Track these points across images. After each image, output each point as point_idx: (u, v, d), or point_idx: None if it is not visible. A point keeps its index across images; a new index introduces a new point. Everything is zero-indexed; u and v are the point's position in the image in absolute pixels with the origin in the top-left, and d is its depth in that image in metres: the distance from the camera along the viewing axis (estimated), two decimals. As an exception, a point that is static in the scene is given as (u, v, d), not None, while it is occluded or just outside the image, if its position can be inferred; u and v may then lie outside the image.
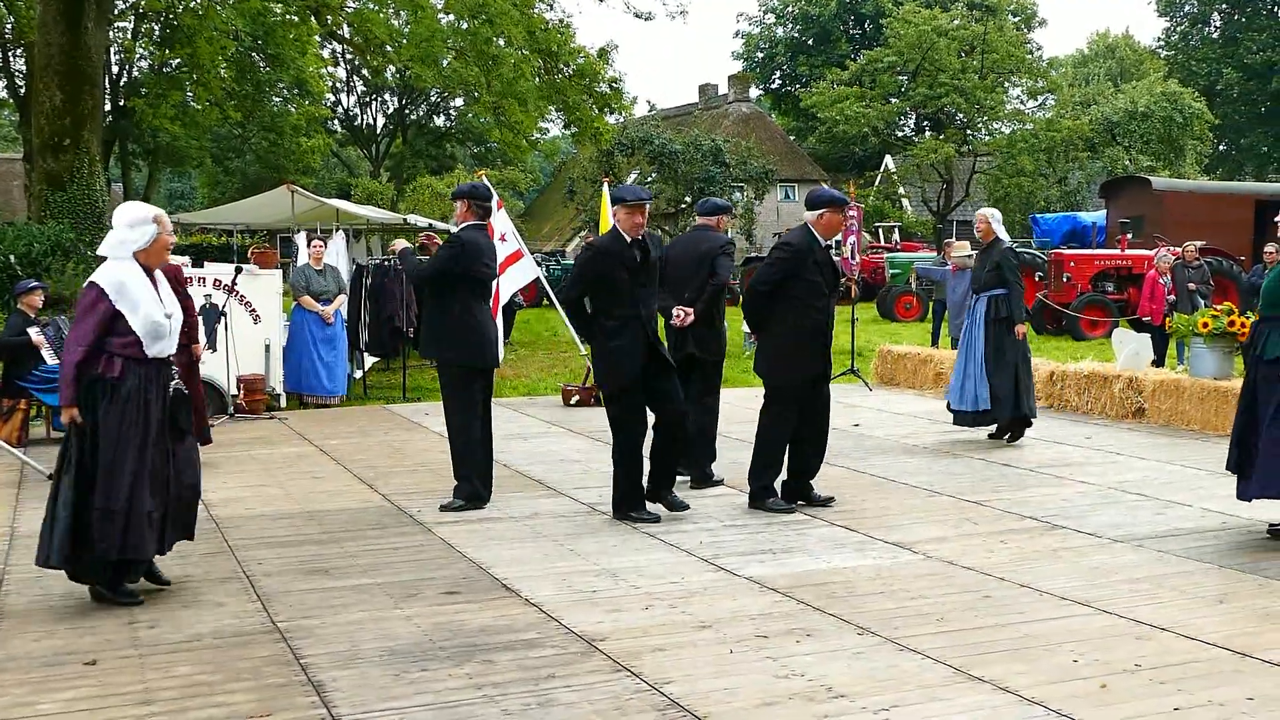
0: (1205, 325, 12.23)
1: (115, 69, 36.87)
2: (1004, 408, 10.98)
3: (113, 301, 6.11)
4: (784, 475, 8.53)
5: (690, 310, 8.76)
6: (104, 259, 6.30)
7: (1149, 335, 15.21)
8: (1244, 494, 7.56)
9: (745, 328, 21.12)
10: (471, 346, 8.46)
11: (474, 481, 8.53)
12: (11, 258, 16.96)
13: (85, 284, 6.24)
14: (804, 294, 8.20)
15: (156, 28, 36.34)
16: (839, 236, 11.35)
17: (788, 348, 8.28)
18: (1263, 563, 6.83)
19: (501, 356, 13.86)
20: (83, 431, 6.13)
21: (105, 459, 6.13)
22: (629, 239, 7.99)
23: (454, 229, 9.09)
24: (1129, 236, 24.64)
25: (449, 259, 8.44)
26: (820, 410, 8.49)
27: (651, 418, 8.17)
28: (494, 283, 12.36)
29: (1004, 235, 11.45)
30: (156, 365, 6.31)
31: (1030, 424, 11.31)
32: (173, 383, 6.39)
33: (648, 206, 8.25)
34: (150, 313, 6.22)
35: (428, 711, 4.72)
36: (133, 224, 6.34)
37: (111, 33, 28.70)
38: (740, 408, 12.01)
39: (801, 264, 8.19)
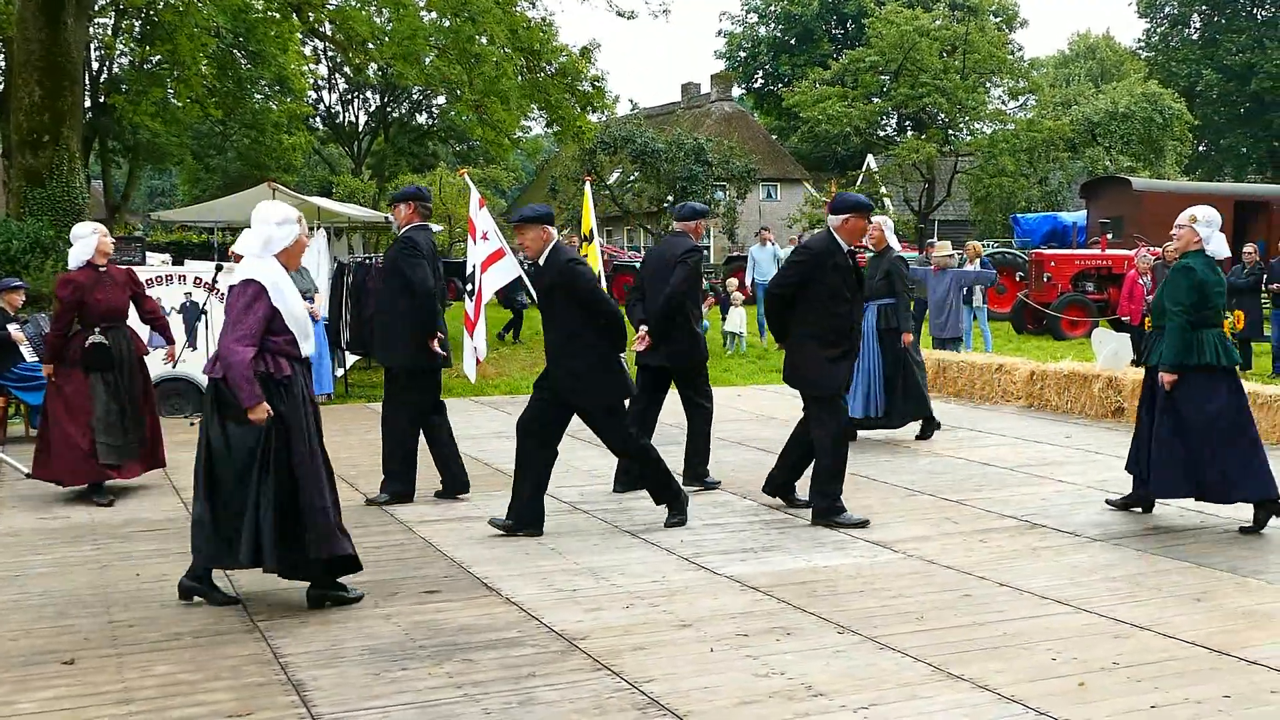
0: (1184, 325, 12.27)
1: (95, 65, 36.68)
2: (901, 415, 11.05)
3: (272, 299, 6.05)
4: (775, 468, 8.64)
5: (646, 336, 8.91)
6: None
7: (1129, 335, 15.25)
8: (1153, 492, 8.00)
9: (729, 327, 21.18)
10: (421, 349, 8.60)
11: (406, 480, 8.74)
12: (-10, 254, 16.88)
13: (240, 282, 6.10)
14: (824, 299, 7.99)
15: (137, 24, 36.17)
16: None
17: (822, 355, 8.02)
18: (1239, 561, 6.87)
19: (482, 354, 13.84)
20: (270, 430, 6.00)
21: (301, 457, 6.08)
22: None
23: (398, 231, 9.10)
24: (1109, 236, 24.73)
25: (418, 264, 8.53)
26: None
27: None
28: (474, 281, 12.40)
29: (895, 244, 11.49)
30: (305, 364, 6.31)
31: (938, 425, 11.56)
32: None
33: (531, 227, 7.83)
34: (298, 311, 6.20)
35: (408, 710, 4.72)
36: (281, 222, 6.26)
37: (91, 29, 28.56)
38: (723, 408, 11.99)
39: (820, 268, 8.01)
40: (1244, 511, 7.76)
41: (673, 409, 9.70)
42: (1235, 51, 57.11)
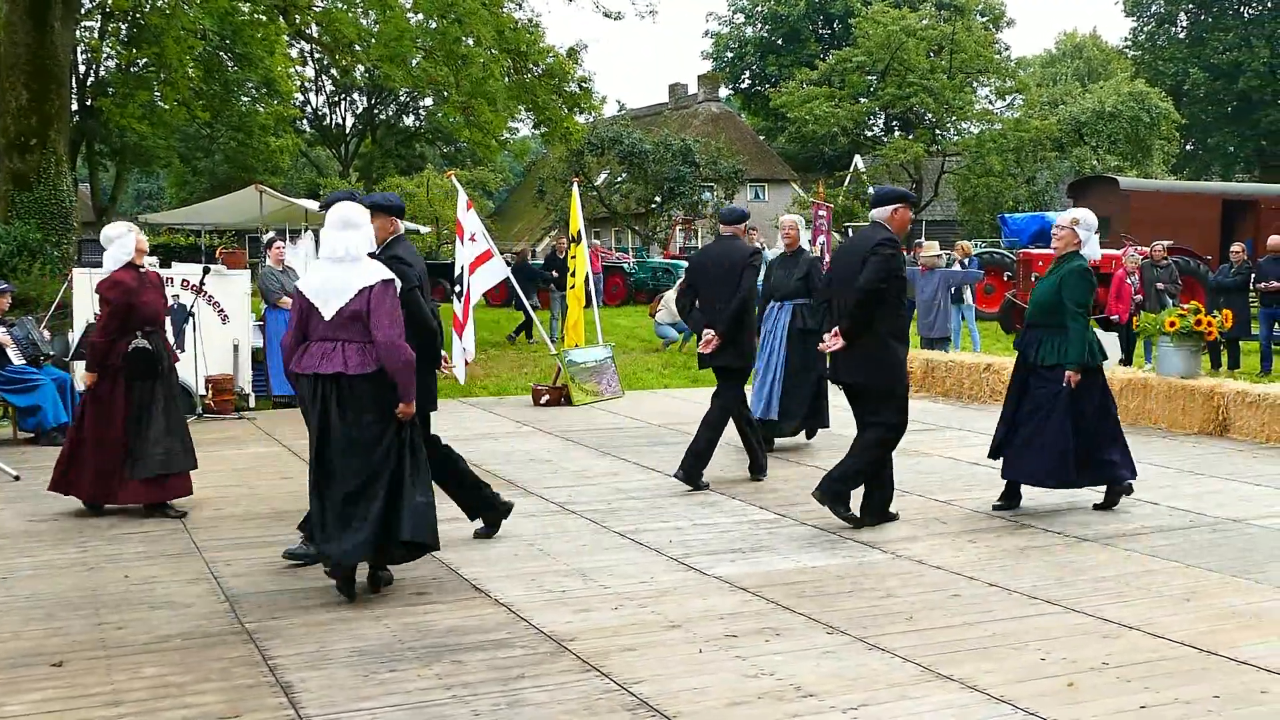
0: (1172, 324, 12.32)
1: (82, 68, 36.62)
2: (792, 420, 10.73)
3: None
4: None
5: (715, 338, 8.88)
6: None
7: (1116, 334, 15.31)
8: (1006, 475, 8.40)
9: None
10: None
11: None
12: (-24, 258, 16.85)
13: (382, 282, 6.22)
14: (897, 294, 7.84)
15: (123, 27, 36.11)
16: (810, 236, 11.29)
17: (899, 353, 7.88)
18: (1228, 562, 6.88)
19: (471, 355, 13.83)
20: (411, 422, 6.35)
21: (418, 447, 6.39)
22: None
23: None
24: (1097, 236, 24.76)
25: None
26: None
27: None
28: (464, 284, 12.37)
29: (806, 245, 11.38)
30: None
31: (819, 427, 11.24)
32: None
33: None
34: None
35: (397, 712, 4.71)
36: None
37: (78, 32, 28.49)
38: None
39: (901, 261, 7.92)
40: (1230, 509, 7.77)
41: (660, 409, 9.68)
42: (1222, 50, 57.28)
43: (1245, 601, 6.07)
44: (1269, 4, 58.73)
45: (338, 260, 6.27)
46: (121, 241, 8.42)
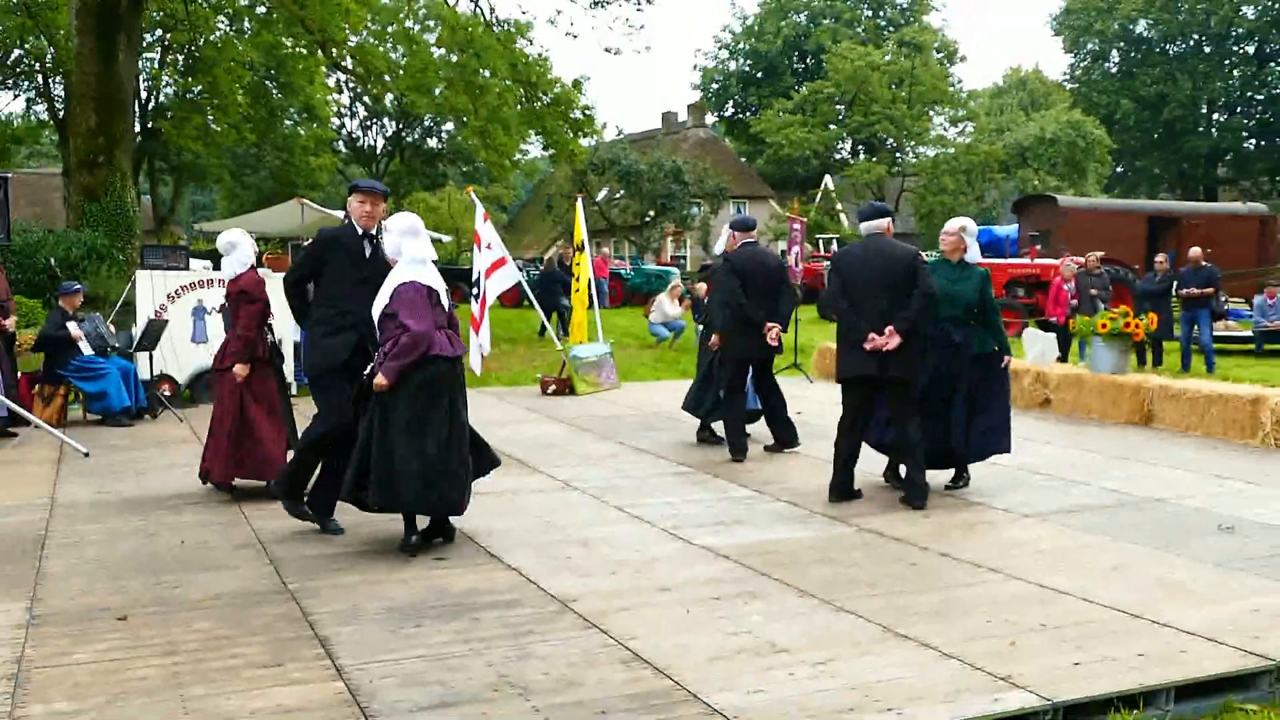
0: (1104, 326, 12.35)
1: (144, 95, 36.53)
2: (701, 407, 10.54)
3: None
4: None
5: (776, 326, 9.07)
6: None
7: (1054, 335, 15.32)
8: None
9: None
10: None
11: None
12: (52, 261, 16.81)
13: (406, 283, 6.34)
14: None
15: (181, 58, 36.07)
16: (784, 246, 11.19)
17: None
18: (1153, 536, 6.90)
19: (486, 350, 13.84)
20: None
21: None
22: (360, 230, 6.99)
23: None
24: (1038, 248, 24.79)
25: None
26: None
27: None
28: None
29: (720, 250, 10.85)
30: None
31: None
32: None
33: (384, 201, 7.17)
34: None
35: (421, 662, 4.71)
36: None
37: (140, 63, 28.43)
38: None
39: None
40: (1154, 490, 7.77)
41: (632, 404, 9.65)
42: (1149, 84, 57.40)
43: (1168, 572, 6.08)
44: (1190, 43, 58.76)
45: (430, 260, 6.54)
46: (243, 246, 8.32)
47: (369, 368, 6.39)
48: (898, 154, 50.09)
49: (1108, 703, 4.38)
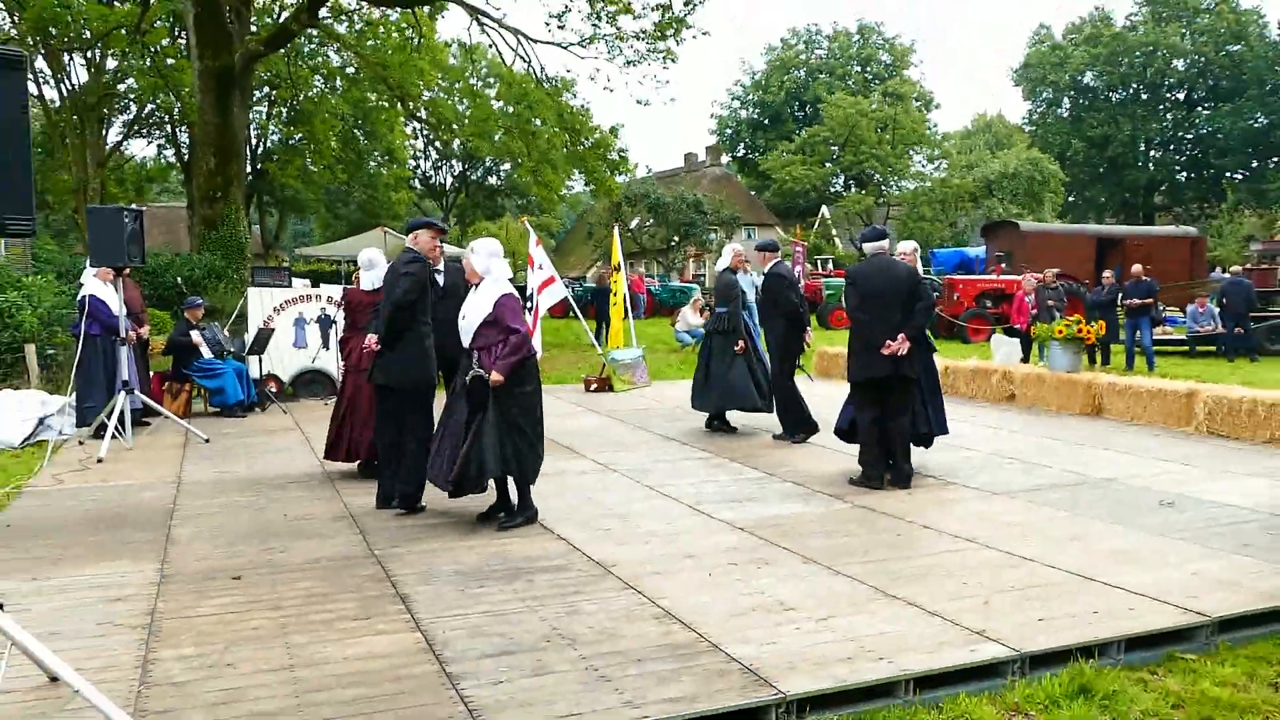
0: (1060, 332, 12.22)
1: (254, 141, 36.80)
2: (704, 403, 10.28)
3: None
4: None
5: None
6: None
7: (1018, 340, 15.18)
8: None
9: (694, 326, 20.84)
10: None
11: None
12: (179, 279, 16.96)
13: (507, 294, 6.30)
14: None
15: (284, 111, 36.30)
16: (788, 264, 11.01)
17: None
18: (1106, 511, 6.80)
19: (539, 355, 13.81)
20: None
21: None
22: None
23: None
24: (1003, 266, 24.59)
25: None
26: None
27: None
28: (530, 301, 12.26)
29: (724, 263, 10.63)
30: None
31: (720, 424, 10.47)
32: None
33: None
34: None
35: (485, 617, 4.70)
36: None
37: (250, 114, 28.67)
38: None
39: None
40: (1109, 470, 7.66)
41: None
42: (1096, 126, 56.92)
43: (1119, 541, 5.98)
44: (1130, 91, 58.17)
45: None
46: (380, 265, 8.16)
47: (472, 369, 6.23)
48: (883, 187, 49.77)
49: (1068, 653, 4.31)
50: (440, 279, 7.60)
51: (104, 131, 30.86)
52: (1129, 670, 4.30)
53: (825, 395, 11.69)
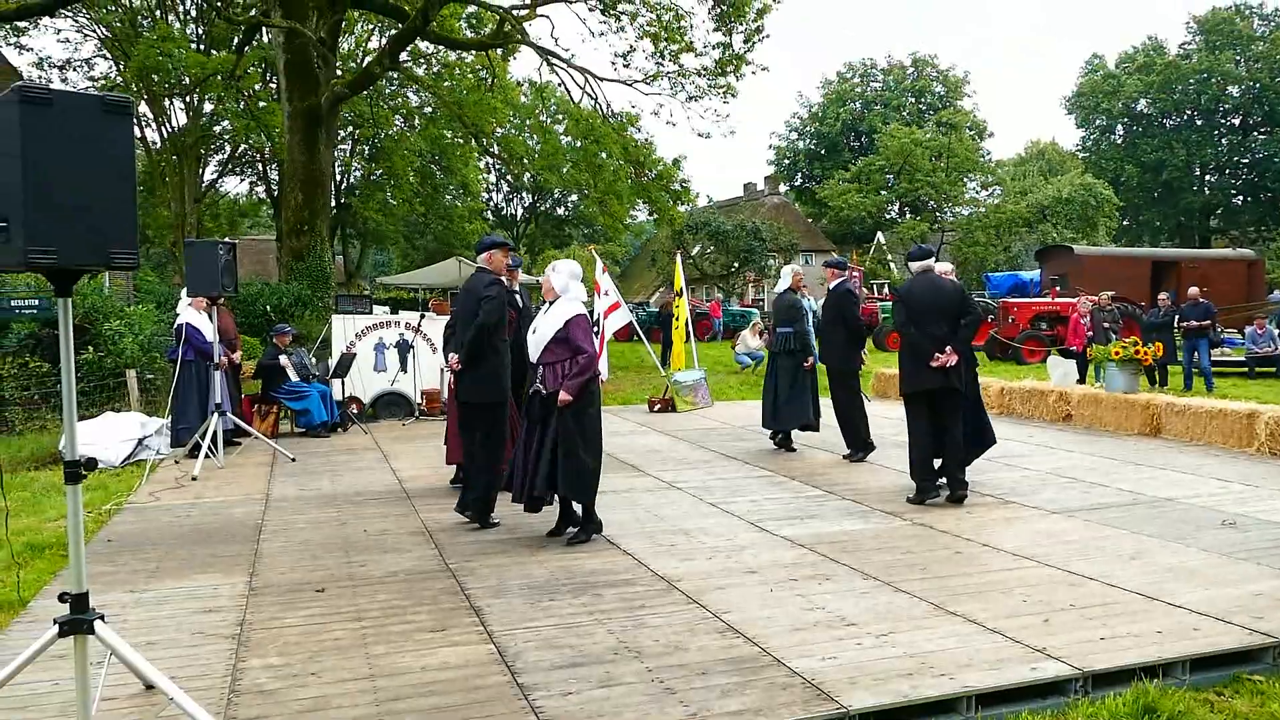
0: (1117, 353, 11.89)
1: (338, 177, 37.66)
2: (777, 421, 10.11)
3: None
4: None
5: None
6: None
7: (1074, 361, 14.83)
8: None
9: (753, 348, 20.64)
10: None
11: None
12: (268, 307, 17.34)
13: (580, 314, 6.30)
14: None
15: (366, 148, 37.08)
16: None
17: None
18: (1166, 529, 6.58)
19: (605, 376, 13.82)
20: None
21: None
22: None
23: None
24: (1058, 289, 24.09)
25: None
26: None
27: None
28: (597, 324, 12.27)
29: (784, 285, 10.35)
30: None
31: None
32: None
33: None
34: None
35: (555, 629, 4.69)
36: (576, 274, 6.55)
37: (335, 152, 29.35)
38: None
39: None
40: (1166, 490, 7.42)
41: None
42: (1150, 151, 55.75)
43: (1180, 561, 5.78)
44: (1184, 118, 56.84)
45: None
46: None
47: (535, 386, 6.27)
48: (938, 213, 49.11)
49: (1131, 673, 4.16)
50: (519, 299, 7.69)
51: (200, 170, 31.82)
52: (1194, 691, 4.12)
53: (882, 415, 11.52)
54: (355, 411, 12.90)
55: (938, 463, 7.69)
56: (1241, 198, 57.41)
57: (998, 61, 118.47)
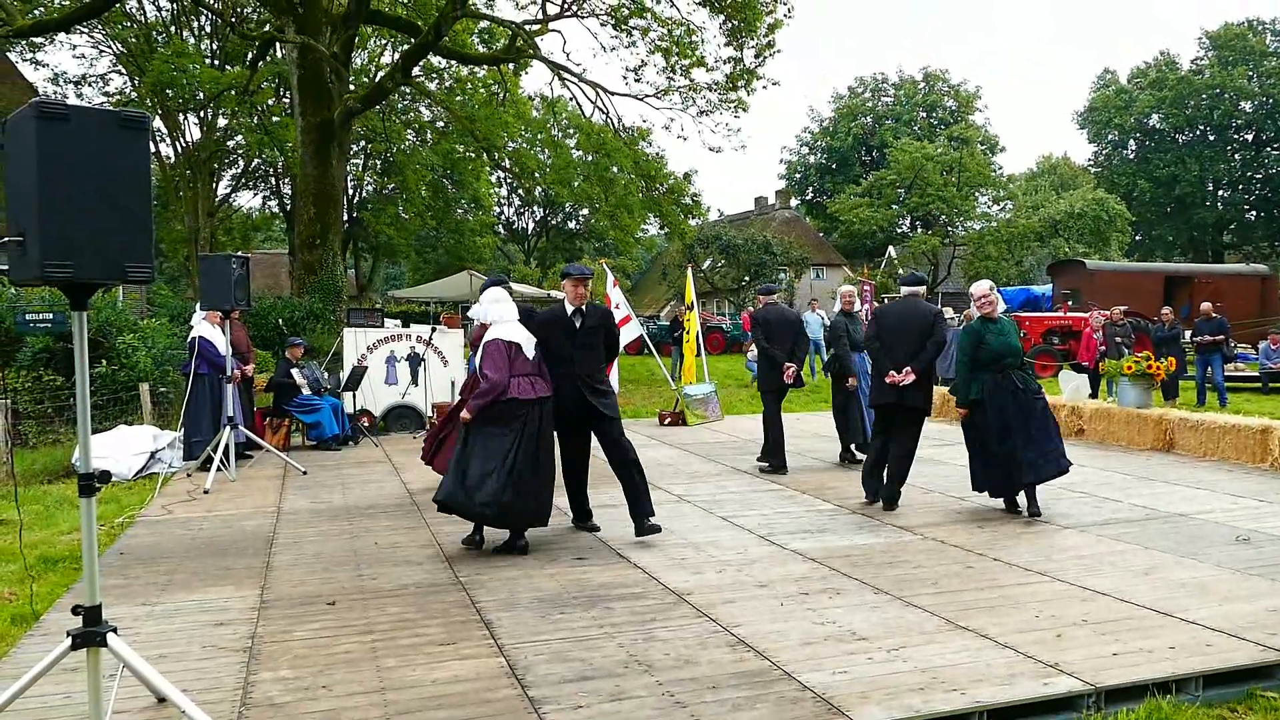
0: (1129, 368, 11.85)
1: (350, 191, 37.87)
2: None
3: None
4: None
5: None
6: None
7: (1086, 375, 14.76)
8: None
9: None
10: None
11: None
12: (280, 321, 17.41)
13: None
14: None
15: (378, 162, 37.28)
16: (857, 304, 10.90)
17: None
18: (1178, 545, 6.55)
19: (616, 389, 13.85)
20: None
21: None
22: (570, 308, 6.87)
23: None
24: (1070, 304, 24.02)
25: None
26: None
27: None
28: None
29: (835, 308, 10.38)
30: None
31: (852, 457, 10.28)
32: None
33: (589, 281, 7.02)
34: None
35: (565, 643, 4.69)
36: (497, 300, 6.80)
37: (348, 166, 29.54)
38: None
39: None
40: (1184, 505, 7.38)
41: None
42: (1162, 166, 55.61)
43: (1192, 575, 5.75)
44: (1197, 133, 56.71)
45: (517, 320, 6.69)
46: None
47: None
48: (949, 228, 49.00)
49: (1144, 688, 4.14)
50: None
51: (214, 184, 32.06)
52: (1207, 708, 4.10)
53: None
54: (366, 425, 12.94)
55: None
56: (1255, 213, 57.18)
57: (1005, 73, 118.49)
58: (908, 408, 7.83)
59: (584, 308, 6.84)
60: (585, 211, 48.90)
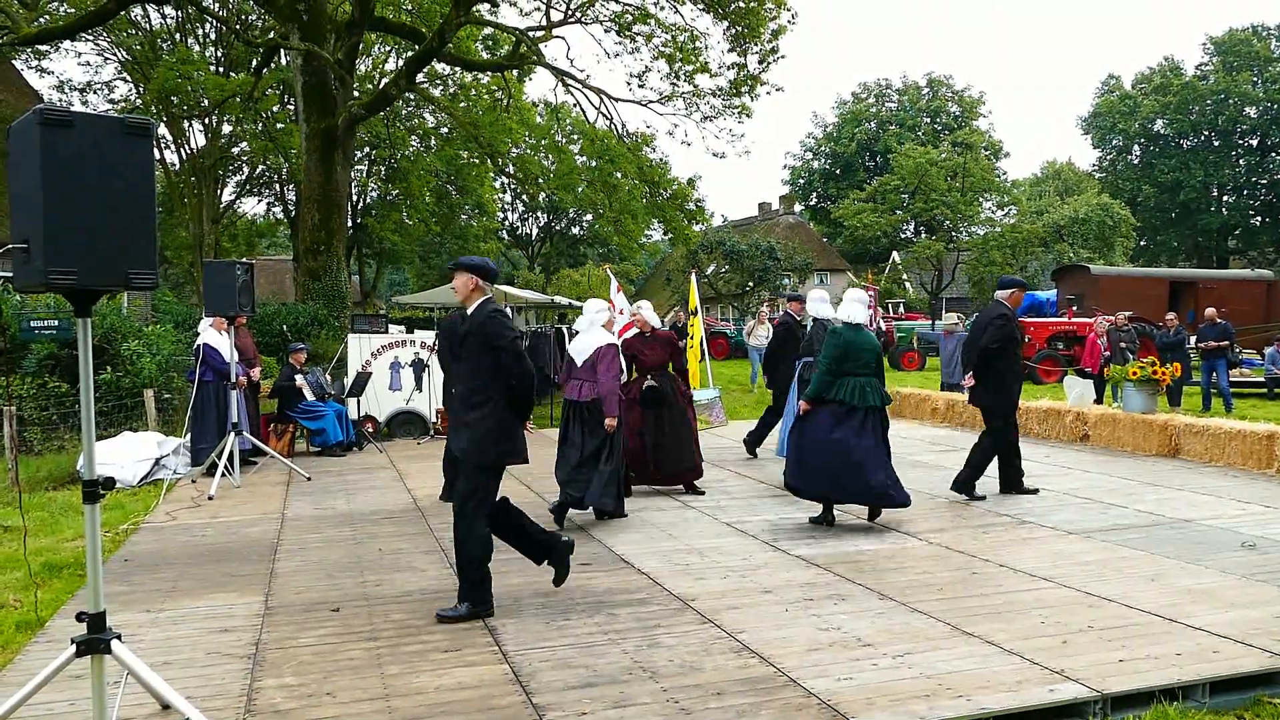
0: (1135, 373, 11.82)
1: (355, 197, 37.91)
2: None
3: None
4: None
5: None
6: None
7: (1091, 381, 14.74)
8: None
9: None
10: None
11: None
12: (284, 327, 17.44)
13: (609, 344, 7.50)
14: (1013, 349, 8.41)
15: (383, 168, 37.33)
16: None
17: (1012, 387, 8.50)
18: (1184, 551, 6.53)
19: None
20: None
21: None
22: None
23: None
24: (1074, 309, 23.98)
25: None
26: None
27: None
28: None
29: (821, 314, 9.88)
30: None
31: None
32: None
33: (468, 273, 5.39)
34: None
35: (570, 649, 4.68)
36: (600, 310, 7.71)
37: (352, 173, 29.59)
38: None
39: (1016, 326, 8.44)
40: (1187, 511, 7.36)
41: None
42: (1166, 172, 55.54)
43: (1197, 582, 5.73)
44: (1202, 138, 56.65)
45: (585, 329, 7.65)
46: (647, 312, 9.04)
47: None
48: (953, 233, 48.95)
49: (1151, 695, 4.12)
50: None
51: (219, 191, 32.11)
52: (1214, 714, 4.08)
53: (899, 434, 11.43)
54: (370, 430, 12.94)
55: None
56: (1259, 218, 57.09)
57: (1009, 78, 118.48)
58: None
59: (469, 309, 5.35)
60: (589, 217, 48.90)
